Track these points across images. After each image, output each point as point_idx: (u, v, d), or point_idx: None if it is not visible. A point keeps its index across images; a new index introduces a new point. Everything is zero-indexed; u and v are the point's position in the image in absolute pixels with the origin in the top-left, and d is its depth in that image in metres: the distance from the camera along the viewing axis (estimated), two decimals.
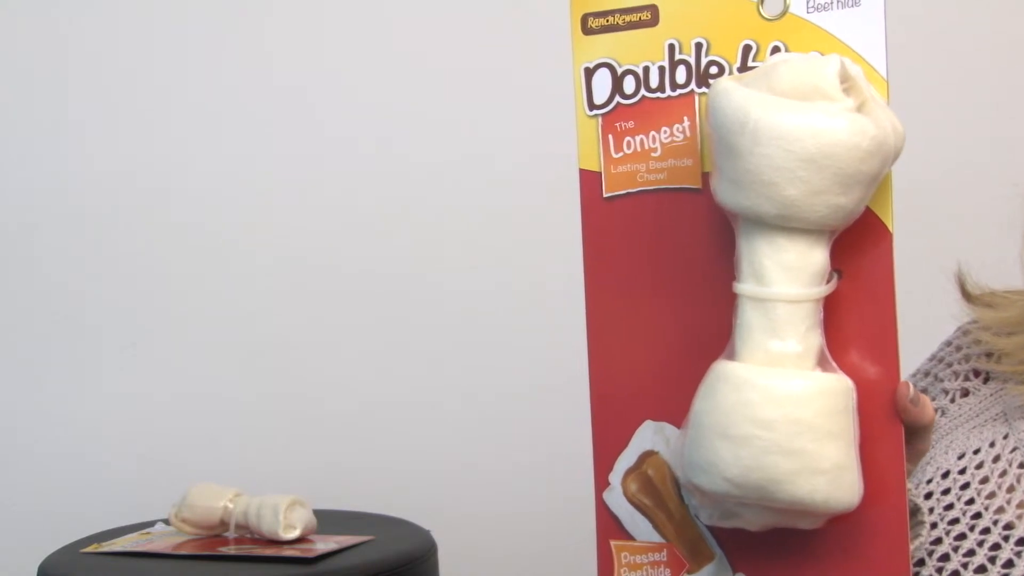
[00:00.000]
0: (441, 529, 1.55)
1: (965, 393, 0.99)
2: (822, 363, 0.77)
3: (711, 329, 0.82)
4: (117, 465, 1.80)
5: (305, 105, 1.81)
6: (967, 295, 1.00)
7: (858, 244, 0.79)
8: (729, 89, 0.76)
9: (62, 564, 1.45)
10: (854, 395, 0.77)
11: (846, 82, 0.76)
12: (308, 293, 1.81)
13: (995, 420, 0.95)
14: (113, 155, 1.80)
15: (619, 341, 0.85)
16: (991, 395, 0.97)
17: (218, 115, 1.80)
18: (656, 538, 0.86)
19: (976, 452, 0.93)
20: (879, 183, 0.77)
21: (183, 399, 1.80)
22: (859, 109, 0.76)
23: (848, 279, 0.79)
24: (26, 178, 1.80)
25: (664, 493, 0.85)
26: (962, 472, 0.93)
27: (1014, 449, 0.92)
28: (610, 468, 0.87)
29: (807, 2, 0.80)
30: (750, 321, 0.77)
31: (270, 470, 1.77)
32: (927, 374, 1.02)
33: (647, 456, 0.87)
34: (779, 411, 0.74)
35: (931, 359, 1.03)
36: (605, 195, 0.85)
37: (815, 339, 0.77)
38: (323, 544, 1.44)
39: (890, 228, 0.80)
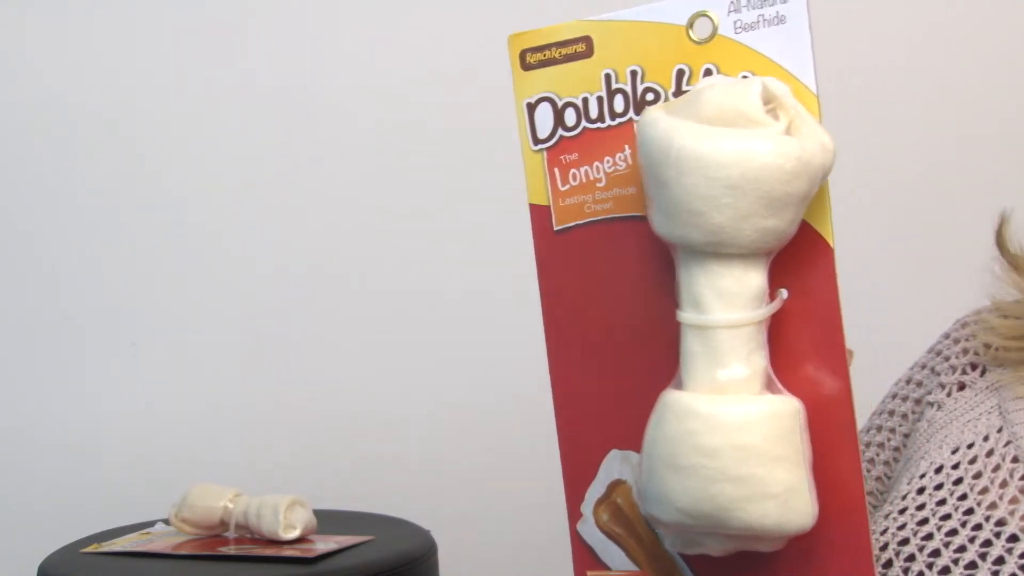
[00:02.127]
0: (441, 529, 1.55)
1: (961, 387, 0.98)
2: (768, 385, 0.77)
3: (668, 356, 0.82)
4: (117, 465, 1.80)
5: (306, 106, 1.81)
6: (1002, 241, 0.98)
7: (801, 261, 0.79)
8: (655, 119, 0.76)
9: (62, 564, 1.46)
10: (803, 415, 0.77)
11: (771, 103, 0.77)
12: (308, 293, 1.81)
13: (989, 413, 0.94)
14: (113, 155, 1.80)
15: (580, 373, 0.86)
16: (987, 388, 0.96)
17: (219, 116, 1.80)
18: (630, 566, 0.87)
19: (970, 446, 0.92)
20: (810, 200, 0.77)
21: (183, 399, 1.81)
22: (787, 129, 0.76)
23: (795, 296, 0.79)
24: (26, 178, 1.80)
25: (635, 521, 0.86)
26: (955, 467, 0.92)
27: (1007, 443, 0.91)
28: (581, 499, 0.88)
29: (734, 23, 0.81)
30: (692, 349, 0.77)
31: (270, 470, 1.78)
32: (924, 367, 1.02)
33: (616, 485, 0.87)
34: (723, 439, 0.74)
35: (929, 351, 1.02)
36: (555, 228, 0.86)
37: (759, 362, 0.77)
38: (323, 544, 1.44)
39: (831, 243, 0.79)
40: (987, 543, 0.85)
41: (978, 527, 0.86)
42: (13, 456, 1.81)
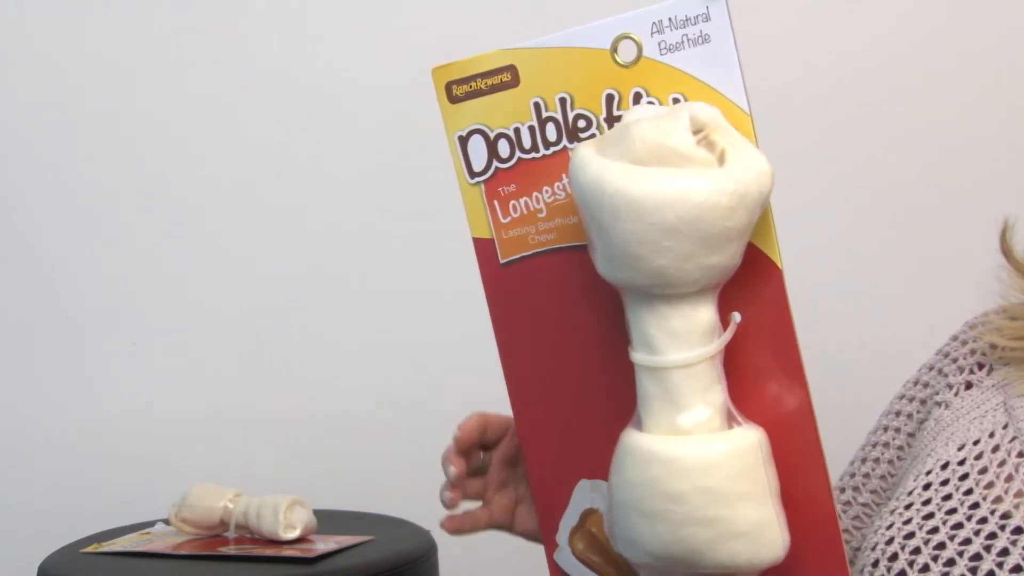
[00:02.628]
0: (441, 529, 1.55)
1: (968, 386, 0.98)
2: (728, 418, 0.77)
3: (620, 385, 0.81)
4: (117, 465, 1.80)
5: (306, 106, 1.81)
6: (1006, 248, 0.98)
7: (750, 284, 0.79)
8: (585, 160, 0.75)
9: (62, 564, 1.46)
10: (765, 444, 0.77)
11: (702, 131, 0.75)
12: (308, 293, 1.81)
13: (995, 410, 0.94)
14: (113, 155, 1.80)
15: (541, 404, 0.86)
16: (993, 386, 0.96)
17: (220, 116, 1.80)
18: None
19: (976, 443, 0.93)
20: (752, 229, 0.76)
21: (183, 399, 1.81)
22: (720, 158, 0.74)
23: (748, 319, 0.78)
24: (27, 177, 1.80)
25: (611, 549, 0.85)
26: (961, 463, 0.92)
27: (1013, 439, 0.91)
28: (555, 529, 0.89)
29: (659, 44, 0.80)
30: (648, 390, 0.76)
31: (270, 470, 1.77)
32: (932, 368, 1.02)
33: (589, 514, 0.88)
34: (687, 483, 0.74)
35: (937, 353, 1.03)
36: (501, 261, 0.86)
37: (716, 396, 0.77)
38: (323, 544, 1.44)
39: (779, 264, 0.79)
40: (992, 535, 0.85)
41: (983, 520, 0.87)
42: (13, 456, 1.81)
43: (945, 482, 0.92)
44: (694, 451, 0.74)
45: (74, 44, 1.80)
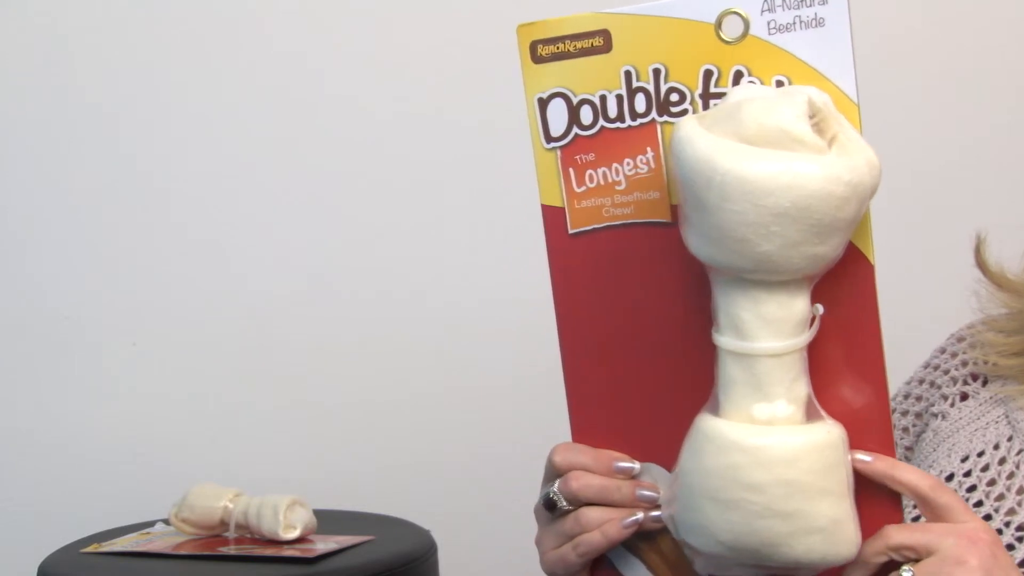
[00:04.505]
0: (441, 529, 1.55)
1: (964, 397, 0.98)
2: (810, 412, 0.76)
3: (690, 368, 0.80)
4: (117, 465, 1.80)
5: (308, 104, 1.81)
6: (981, 263, 0.98)
7: (840, 277, 0.77)
8: (693, 137, 0.73)
9: (62, 564, 1.46)
10: (845, 442, 0.76)
11: (815, 117, 0.73)
12: (308, 293, 1.81)
13: (997, 422, 0.94)
14: (113, 155, 1.80)
15: (596, 380, 0.83)
16: (991, 398, 0.96)
17: (219, 116, 1.80)
18: None
19: (980, 455, 0.93)
20: (858, 222, 0.74)
21: (183, 399, 1.81)
22: (830, 146, 0.73)
23: (831, 312, 0.77)
24: (27, 177, 1.80)
25: (657, 535, 0.84)
26: (967, 475, 0.92)
27: (1020, 451, 0.91)
28: None
29: (768, 23, 0.77)
30: (733, 376, 0.75)
31: (270, 470, 1.78)
32: (922, 381, 1.02)
33: None
34: (769, 474, 0.73)
35: (925, 367, 1.02)
36: (571, 231, 0.82)
37: (802, 389, 0.75)
38: (323, 544, 1.44)
39: (871, 260, 0.77)
40: (1010, 547, 0.86)
41: (999, 532, 0.86)
42: (13, 456, 1.81)
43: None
44: (778, 442, 0.73)
45: (74, 44, 1.80)
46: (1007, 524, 0.88)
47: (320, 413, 1.81)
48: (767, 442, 0.73)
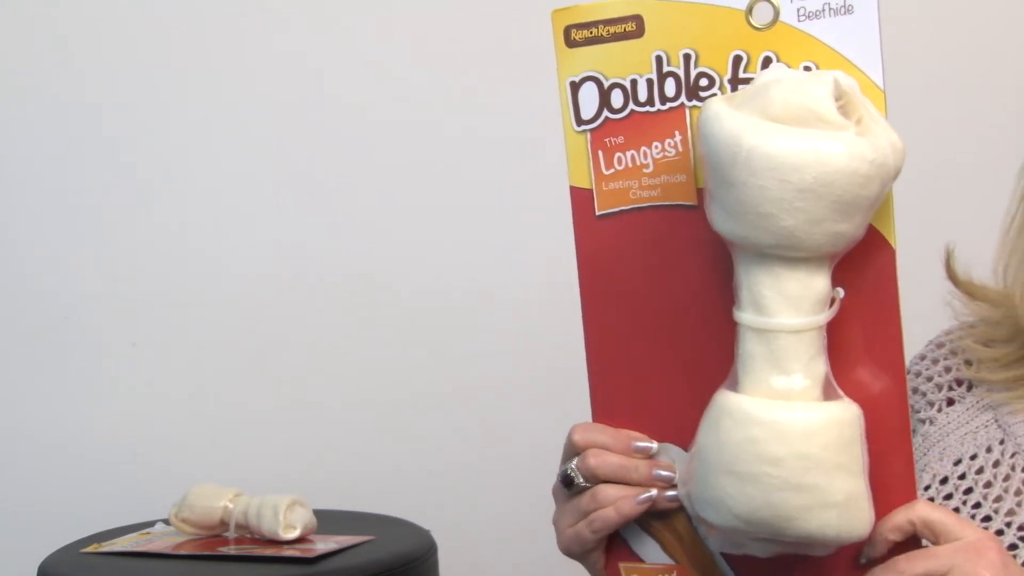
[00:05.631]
0: (441, 529, 1.55)
1: (951, 402, 0.99)
2: (827, 390, 0.76)
3: (712, 349, 0.81)
4: (117, 465, 1.80)
5: (305, 108, 1.81)
6: (952, 275, 1.00)
7: (860, 260, 0.78)
8: (720, 114, 0.74)
9: (62, 564, 1.46)
10: (862, 421, 0.77)
11: (841, 99, 0.75)
12: (308, 293, 1.81)
13: (987, 426, 0.96)
14: (113, 155, 1.80)
15: (618, 361, 0.84)
16: (977, 402, 0.98)
17: (219, 116, 1.80)
18: (666, 560, 0.85)
19: (973, 458, 0.94)
20: (880, 203, 0.76)
21: (183, 399, 1.81)
22: (856, 127, 0.74)
23: (851, 296, 0.78)
24: (27, 178, 1.80)
25: (672, 514, 0.84)
26: (962, 477, 0.93)
27: (1014, 454, 0.93)
28: None
29: (798, 10, 0.78)
30: (752, 351, 0.76)
31: (270, 470, 1.78)
32: None
33: None
34: (786, 447, 0.73)
35: (907, 373, 1.03)
36: (597, 213, 0.84)
37: (820, 367, 0.76)
38: (323, 544, 1.45)
39: (892, 243, 0.79)
40: (1013, 547, 0.87)
41: (1000, 533, 0.88)
42: (13, 456, 1.81)
43: (949, 496, 0.93)
44: (796, 417, 0.74)
45: (75, 43, 1.80)
46: (1008, 524, 0.89)
47: (320, 413, 1.82)
48: (785, 416, 0.74)
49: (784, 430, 0.73)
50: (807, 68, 0.79)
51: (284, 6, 1.81)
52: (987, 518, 0.90)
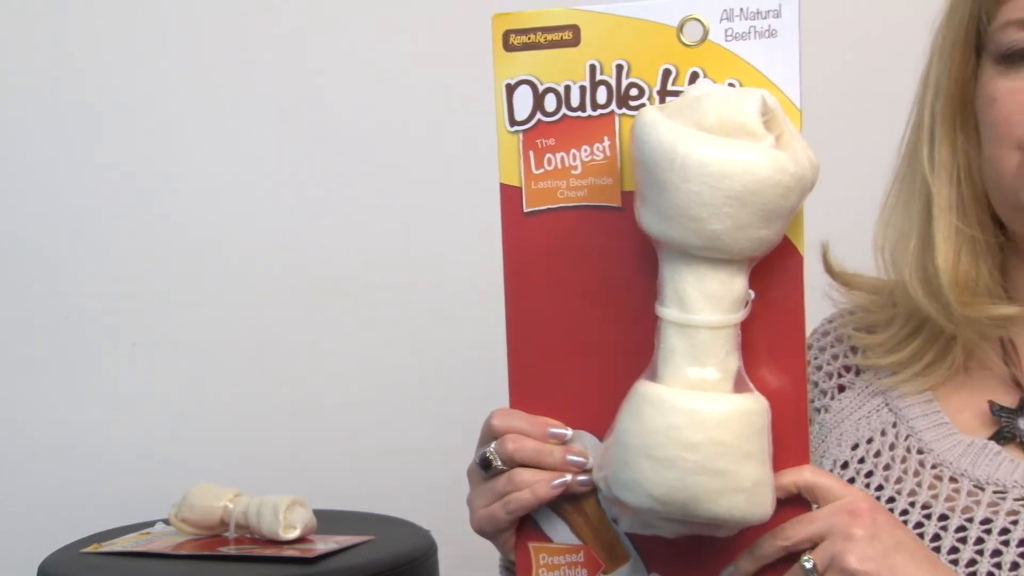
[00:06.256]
0: (441, 529, 1.55)
1: (841, 388, 1.06)
2: (739, 384, 0.82)
3: (629, 342, 0.86)
4: (117, 465, 1.80)
5: (304, 108, 1.81)
6: (829, 268, 1.07)
7: (770, 267, 0.83)
8: (657, 122, 0.79)
9: (62, 564, 1.46)
10: (769, 413, 0.82)
11: (766, 115, 0.80)
12: (308, 294, 1.81)
13: (878, 410, 1.02)
14: (113, 155, 1.81)
15: (538, 351, 0.89)
16: (867, 387, 1.04)
17: (220, 117, 1.81)
18: (573, 540, 0.90)
19: (870, 442, 1.01)
20: (795, 213, 0.81)
21: (183, 399, 1.81)
22: (777, 142, 0.79)
23: (760, 300, 0.83)
24: (27, 178, 1.81)
25: (582, 497, 0.89)
26: (861, 461, 1.00)
27: (908, 436, 0.99)
28: None
29: (726, 31, 0.84)
30: (673, 345, 0.81)
31: (270, 470, 1.78)
32: None
33: None
34: (703, 434, 0.79)
35: None
36: (525, 210, 0.88)
37: (734, 362, 0.82)
38: (323, 544, 1.45)
39: (801, 251, 0.84)
40: (919, 525, 0.94)
41: (905, 512, 0.95)
42: (13, 456, 1.81)
43: (851, 480, 0.99)
44: (713, 406, 0.79)
45: (75, 43, 1.80)
46: (912, 504, 0.95)
47: (320, 413, 1.82)
48: (703, 406, 0.79)
49: (702, 418, 0.79)
50: (731, 84, 0.84)
51: (284, 5, 1.81)
52: (891, 499, 0.96)
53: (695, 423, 0.79)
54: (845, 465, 1.00)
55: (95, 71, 1.80)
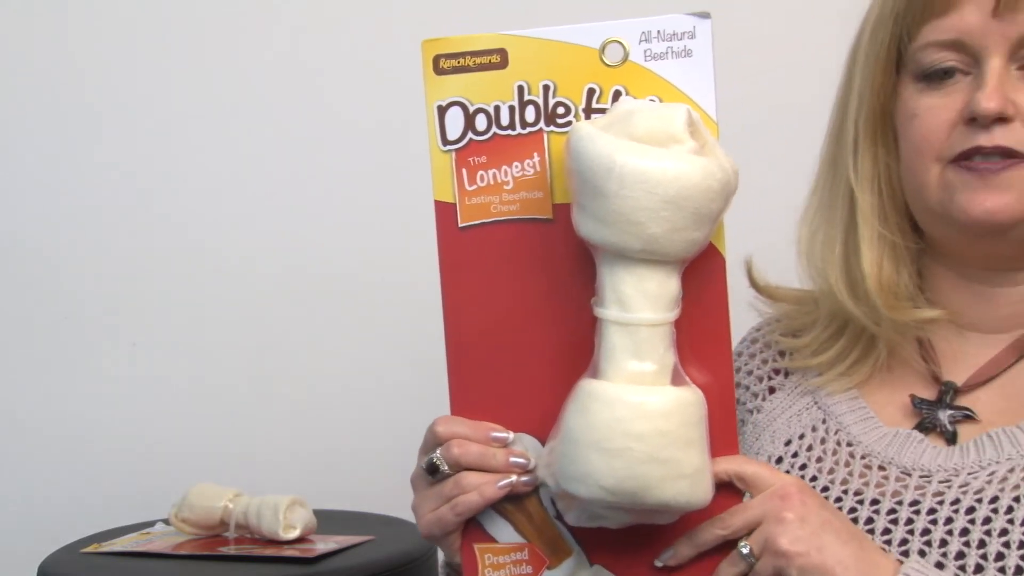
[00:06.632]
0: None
1: (772, 390, 1.12)
2: (676, 378, 0.87)
3: (563, 346, 0.90)
4: (117, 465, 1.81)
5: (304, 108, 1.81)
6: (754, 282, 1.13)
7: (695, 269, 0.89)
8: (592, 135, 0.84)
9: (62, 564, 1.47)
10: (705, 405, 0.87)
11: (691, 127, 0.85)
12: (309, 295, 1.81)
13: (808, 408, 1.08)
14: (113, 155, 1.81)
15: (477, 360, 0.93)
16: (796, 387, 1.10)
17: (220, 117, 1.81)
18: (517, 539, 0.94)
19: (802, 437, 1.06)
20: (721, 217, 0.87)
21: (183, 399, 1.81)
22: (700, 152, 0.85)
23: (687, 298, 0.88)
24: (27, 178, 1.81)
25: (524, 497, 0.92)
26: (795, 456, 1.05)
27: (837, 431, 1.05)
28: None
29: (645, 52, 0.90)
30: (614, 343, 0.86)
31: (270, 470, 1.78)
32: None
33: None
34: (648, 424, 0.84)
35: None
36: (460, 225, 0.92)
37: (671, 357, 0.87)
38: (323, 544, 1.45)
39: (723, 253, 0.89)
40: (853, 510, 0.99)
41: (839, 500, 1.00)
42: (13, 456, 1.81)
43: (786, 473, 1.01)
44: (656, 399, 0.84)
45: (75, 44, 1.80)
46: (844, 492, 1.00)
47: (320, 413, 1.82)
48: (647, 398, 0.84)
49: (647, 410, 0.84)
50: (652, 100, 0.90)
51: (284, 5, 1.81)
52: (825, 488, 1.01)
53: (640, 415, 0.84)
54: (779, 460, 1.05)
55: (95, 71, 1.80)
